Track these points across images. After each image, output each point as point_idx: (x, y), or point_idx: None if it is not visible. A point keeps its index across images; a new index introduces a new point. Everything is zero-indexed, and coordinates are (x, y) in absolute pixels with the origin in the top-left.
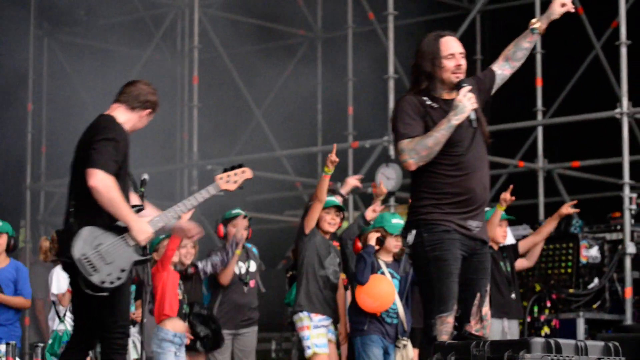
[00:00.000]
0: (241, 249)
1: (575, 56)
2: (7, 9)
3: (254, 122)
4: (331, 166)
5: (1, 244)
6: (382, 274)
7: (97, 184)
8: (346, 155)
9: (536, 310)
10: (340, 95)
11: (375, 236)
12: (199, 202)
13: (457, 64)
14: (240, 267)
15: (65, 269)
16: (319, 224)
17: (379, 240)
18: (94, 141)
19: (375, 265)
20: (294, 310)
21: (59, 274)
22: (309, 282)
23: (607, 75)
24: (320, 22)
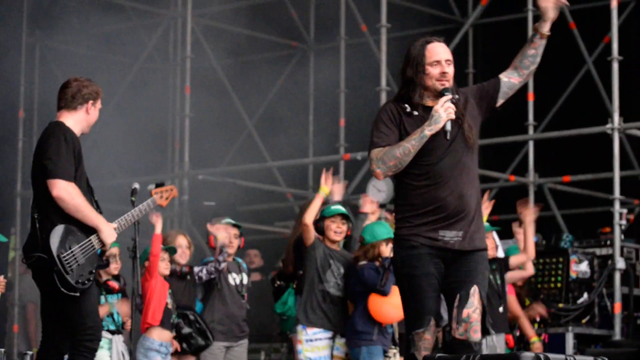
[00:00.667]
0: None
1: (567, 71)
2: None
3: (246, 132)
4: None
5: None
6: None
7: (60, 193)
8: (338, 167)
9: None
10: (332, 106)
11: (388, 247)
12: (143, 214)
13: (442, 71)
14: (234, 279)
15: (37, 268)
16: (325, 233)
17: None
18: (46, 150)
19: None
20: (295, 322)
21: None
22: (309, 295)
23: (599, 90)
24: (312, 34)
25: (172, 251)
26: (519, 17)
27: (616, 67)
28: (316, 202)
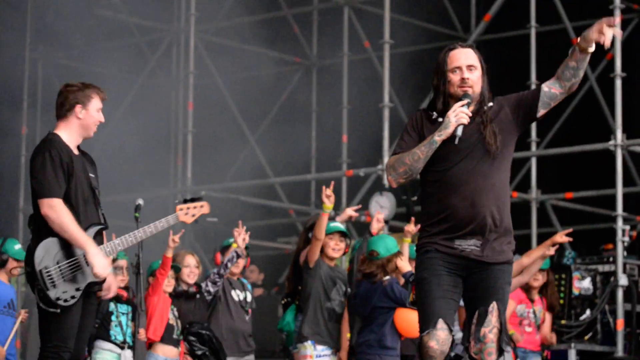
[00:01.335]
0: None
1: None
2: (2, 32)
3: (248, 148)
4: (328, 202)
5: None
6: None
7: (47, 212)
8: (340, 183)
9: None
10: (334, 123)
11: (404, 260)
12: (158, 231)
13: (461, 77)
14: (238, 295)
15: (26, 279)
16: (323, 250)
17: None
18: (32, 169)
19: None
20: (298, 339)
21: None
22: (316, 313)
23: (602, 107)
24: (315, 50)
25: (176, 269)
26: (522, 33)
27: (619, 83)
28: (323, 220)
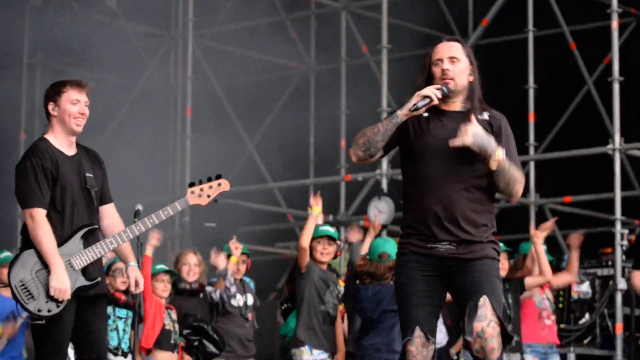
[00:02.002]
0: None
1: (567, 92)
2: (1, 39)
3: (247, 153)
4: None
5: None
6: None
7: (28, 223)
8: (339, 188)
9: None
10: (332, 127)
11: None
12: (162, 220)
13: (441, 68)
14: (238, 300)
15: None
16: (312, 254)
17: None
18: (15, 178)
19: None
20: (294, 344)
21: None
22: (310, 317)
23: (599, 111)
24: (313, 55)
25: (172, 274)
26: (520, 37)
27: (617, 87)
28: (310, 224)
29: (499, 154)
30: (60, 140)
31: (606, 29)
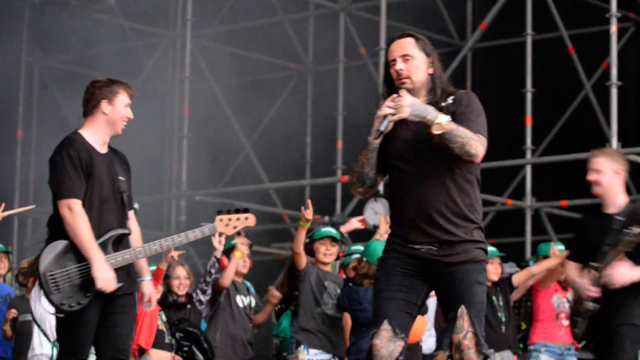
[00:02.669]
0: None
1: (565, 95)
2: None
3: (243, 153)
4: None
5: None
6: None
7: (64, 214)
8: (335, 189)
9: (521, 347)
10: (329, 129)
11: None
12: (189, 241)
13: (395, 69)
14: (243, 300)
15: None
16: (315, 256)
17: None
18: (50, 169)
19: None
20: (295, 345)
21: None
22: (307, 319)
23: (597, 115)
24: (311, 56)
25: (165, 276)
26: (518, 41)
27: (615, 92)
28: (300, 235)
29: (440, 118)
30: (96, 137)
31: (605, 34)
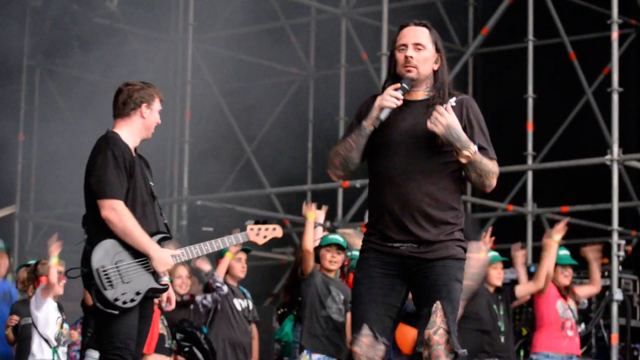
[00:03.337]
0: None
1: (566, 101)
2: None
3: (245, 158)
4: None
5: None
6: None
7: (109, 215)
8: (336, 194)
9: (522, 354)
10: (331, 134)
11: None
12: (226, 247)
13: (405, 55)
14: (240, 303)
15: (83, 281)
16: (320, 262)
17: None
18: (92, 168)
19: None
20: (299, 350)
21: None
22: (312, 323)
23: (598, 121)
24: (313, 60)
25: None
26: (519, 46)
27: (616, 98)
28: (308, 227)
29: (471, 148)
30: (131, 139)
31: (606, 40)
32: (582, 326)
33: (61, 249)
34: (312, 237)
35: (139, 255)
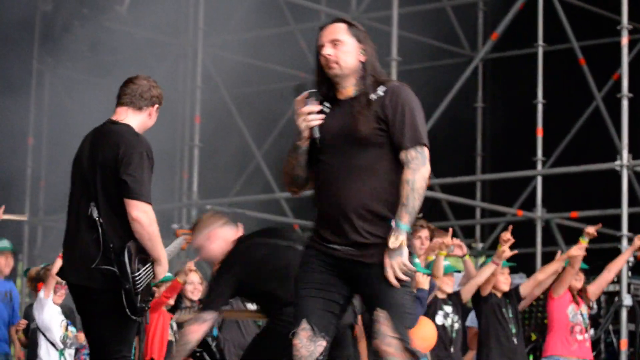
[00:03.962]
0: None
1: (576, 107)
2: (10, 43)
3: (254, 163)
4: None
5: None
6: None
7: (140, 217)
8: None
9: (532, 359)
10: None
11: (425, 279)
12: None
13: (322, 54)
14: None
15: (105, 280)
16: None
17: None
18: (128, 165)
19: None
20: None
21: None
22: None
23: (608, 127)
24: None
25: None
26: (529, 52)
27: (626, 104)
28: None
29: (400, 238)
30: None
31: (616, 45)
32: (591, 332)
33: None
34: None
35: (147, 261)
